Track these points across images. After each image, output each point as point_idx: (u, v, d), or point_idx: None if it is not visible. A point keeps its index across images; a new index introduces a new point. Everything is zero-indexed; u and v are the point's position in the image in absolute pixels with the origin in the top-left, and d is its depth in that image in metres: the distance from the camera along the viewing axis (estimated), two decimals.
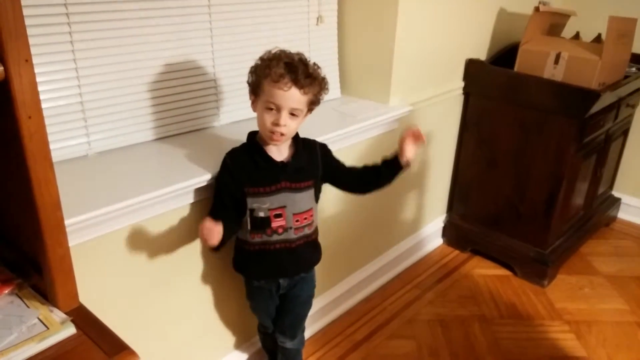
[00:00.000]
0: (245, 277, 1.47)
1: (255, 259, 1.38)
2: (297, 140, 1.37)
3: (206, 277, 1.51)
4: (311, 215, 1.40)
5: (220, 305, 1.60)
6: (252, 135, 1.35)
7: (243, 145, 1.36)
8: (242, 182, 1.30)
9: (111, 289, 1.28)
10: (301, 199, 1.35)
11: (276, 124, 1.24)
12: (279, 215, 1.33)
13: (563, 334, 2.01)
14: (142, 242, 1.31)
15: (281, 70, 1.21)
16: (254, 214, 1.32)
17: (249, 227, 1.34)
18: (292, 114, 1.26)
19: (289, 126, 1.26)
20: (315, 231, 1.46)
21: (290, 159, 1.34)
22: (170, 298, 1.44)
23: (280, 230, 1.35)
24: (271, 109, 1.24)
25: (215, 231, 1.17)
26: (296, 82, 1.22)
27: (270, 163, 1.32)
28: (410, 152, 1.40)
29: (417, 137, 1.39)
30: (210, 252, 1.40)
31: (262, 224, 1.33)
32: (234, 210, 1.32)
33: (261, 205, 1.31)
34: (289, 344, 1.56)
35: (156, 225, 1.32)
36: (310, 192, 1.38)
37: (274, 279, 1.44)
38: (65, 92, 1.31)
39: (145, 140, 1.49)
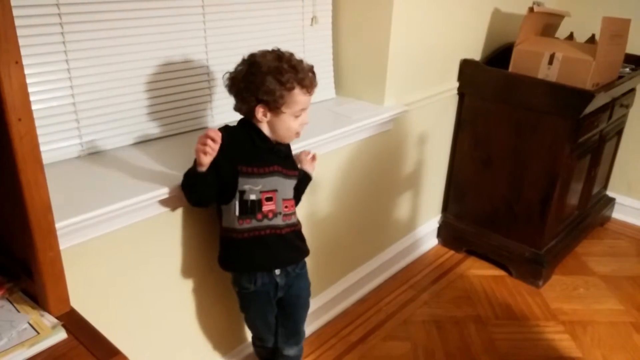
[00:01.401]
0: (237, 272, 1.39)
1: (246, 249, 1.33)
2: None
3: (193, 282, 1.49)
4: (293, 205, 1.41)
5: (208, 310, 1.57)
6: (249, 121, 1.33)
7: (237, 126, 1.34)
8: (236, 159, 1.27)
9: (103, 293, 1.27)
10: (289, 186, 1.38)
11: (304, 123, 1.33)
12: (269, 199, 1.31)
13: (558, 334, 2.01)
14: (134, 244, 1.30)
15: (309, 79, 1.27)
16: (244, 197, 1.28)
17: (237, 212, 1.29)
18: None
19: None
20: (299, 223, 1.44)
21: (282, 147, 1.37)
22: (159, 302, 1.42)
23: (270, 215, 1.32)
24: (299, 115, 1.30)
25: (217, 137, 1.17)
26: (315, 85, 1.31)
27: (267, 143, 1.32)
28: (309, 169, 1.52)
29: (313, 158, 1.53)
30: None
31: (253, 208, 1.29)
32: (214, 184, 1.26)
33: (253, 187, 1.28)
34: (293, 351, 1.54)
35: (149, 227, 1.31)
36: (294, 183, 1.40)
37: (268, 270, 1.37)
38: (57, 93, 1.30)
39: (139, 141, 1.48)
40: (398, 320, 2.06)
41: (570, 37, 2.33)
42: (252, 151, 1.30)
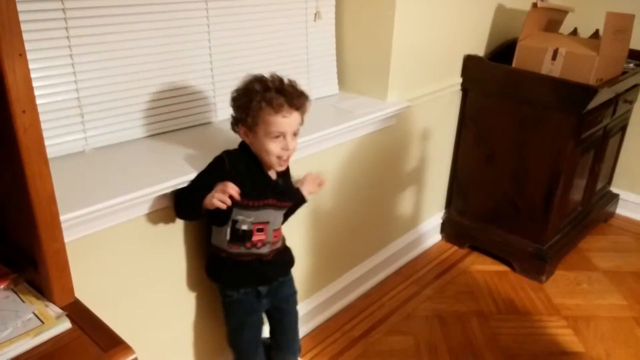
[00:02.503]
0: (222, 285, 1.41)
1: (232, 267, 1.37)
2: None
3: (196, 276, 1.50)
4: (281, 231, 1.44)
5: (206, 310, 1.57)
6: (246, 147, 1.33)
7: (240, 153, 1.33)
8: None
9: (107, 285, 1.28)
10: (279, 216, 1.40)
11: (285, 149, 1.28)
12: (260, 230, 1.34)
13: (561, 329, 2.01)
14: (138, 238, 1.31)
15: (280, 99, 1.23)
16: (236, 226, 1.31)
17: (227, 237, 1.32)
18: (294, 134, 1.30)
19: (294, 148, 1.30)
20: (283, 240, 1.48)
21: (279, 179, 1.38)
22: (160, 296, 1.44)
23: (259, 245, 1.36)
24: (277, 137, 1.26)
25: (237, 195, 1.21)
26: (293, 106, 1.26)
27: (265, 180, 1.34)
28: (310, 190, 1.49)
29: (320, 184, 1.50)
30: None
31: (243, 237, 1.33)
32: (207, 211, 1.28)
33: (246, 219, 1.31)
34: (292, 356, 1.55)
35: (152, 221, 1.32)
36: (285, 210, 1.42)
37: (252, 287, 1.40)
38: (62, 87, 1.30)
39: (143, 136, 1.49)
40: (401, 315, 2.07)
41: (574, 32, 2.32)
42: (249, 183, 1.30)
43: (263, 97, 1.23)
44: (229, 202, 1.22)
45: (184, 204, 1.29)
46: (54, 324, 0.87)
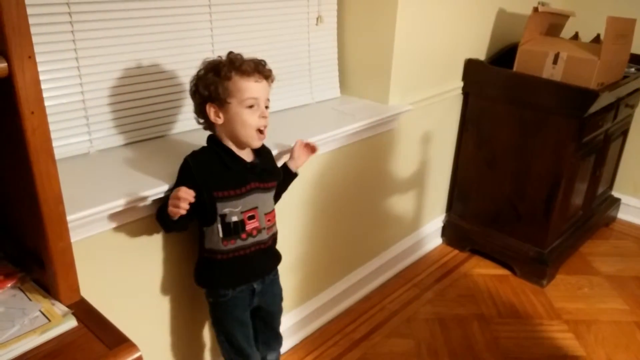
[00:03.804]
0: (217, 288, 1.35)
1: (229, 268, 1.32)
2: None
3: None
4: (274, 216, 1.38)
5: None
6: (215, 138, 1.29)
7: (205, 148, 1.29)
8: (210, 186, 1.24)
9: (111, 285, 1.29)
10: (268, 199, 1.35)
11: (263, 116, 1.24)
12: (252, 217, 1.30)
13: (562, 333, 2.02)
14: (142, 239, 1.32)
15: (250, 65, 1.21)
16: (226, 220, 1.27)
17: (220, 234, 1.27)
18: (266, 107, 1.27)
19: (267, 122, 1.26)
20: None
21: (256, 160, 1.33)
22: (162, 298, 1.45)
23: (254, 233, 1.31)
24: (252, 106, 1.23)
25: (189, 196, 1.13)
26: (262, 72, 1.23)
27: (241, 165, 1.28)
28: (303, 159, 1.46)
29: (313, 149, 1.46)
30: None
31: (236, 229, 1.28)
32: (187, 218, 1.22)
33: (233, 209, 1.26)
34: (274, 356, 1.55)
35: (157, 223, 1.33)
36: (273, 193, 1.38)
37: (249, 283, 1.37)
38: (67, 90, 1.32)
39: (148, 138, 1.50)
40: (402, 318, 2.07)
41: (575, 37, 2.34)
42: (225, 174, 1.26)
43: (232, 66, 1.20)
44: (184, 206, 1.14)
45: (162, 220, 1.25)
46: (60, 322, 0.88)
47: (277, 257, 1.45)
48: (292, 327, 1.87)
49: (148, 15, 1.42)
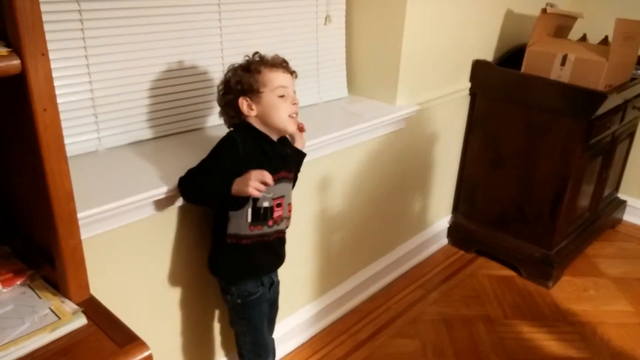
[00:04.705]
0: (244, 277, 1.36)
1: (254, 254, 1.33)
2: None
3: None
4: (291, 208, 1.42)
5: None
6: (249, 125, 1.31)
7: (246, 131, 1.30)
8: (251, 168, 1.23)
9: (121, 283, 1.29)
10: (290, 189, 1.40)
11: (294, 102, 1.30)
12: (279, 205, 1.34)
13: (567, 335, 2.01)
14: (152, 237, 1.32)
15: (276, 59, 1.31)
16: (257, 204, 1.29)
17: (249, 219, 1.29)
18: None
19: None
20: None
21: (288, 150, 1.38)
22: (171, 296, 1.45)
23: (279, 220, 1.35)
24: (283, 96, 1.28)
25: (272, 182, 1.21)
26: (287, 68, 1.32)
27: (277, 152, 1.33)
28: (301, 141, 1.48)
29: (301, 129, 1.46)
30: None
31: (265, 215, 1.31)
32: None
33: (266, 195, 1.28)
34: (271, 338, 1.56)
35: (165, 220, 1.33)
36: (292, 183, 1.43)
37: (273, 271, 1.44)
38: (76, 88, 1.32)
39: (156, 136, 1.50)
40: (407, 318, 2.07)
41: (583, 38, 2.33)
42: (263, 159, 1.29)
43: (261, 61, 1.29)
44: (264, 189, 1.21)
45: (197, 189, 1.24)
46: (70, 320, 0.88)
47: (285, 248, 1.48)
48: (298, 326, 1.87)
49: (157, 14, 1.42)
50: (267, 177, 1.20)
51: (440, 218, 2.51)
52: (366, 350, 1.90)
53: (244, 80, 1.28)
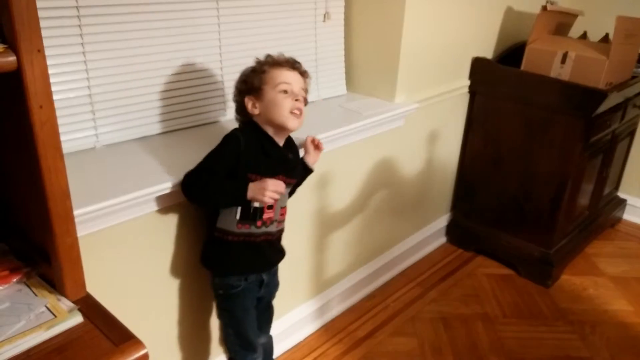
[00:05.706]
0: (227, 275, 1.36)
1: (239, 251, 1.33)
2: (289, 137, 1.39)
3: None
4: (286, 212, 1.41)
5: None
6: (255, 124, 1.32)
7: (250, 129, 1.31)
8: (247, 166, 1.26)
9: (118, 280, 1.29)
10: (286, 194, 1.39)
11: (296, 99, 1.29)
12: (270, 207, 1.32)
13: (567, 334, 2.01)
14: (148, 234, 1.32)
15: (283, 59, 1.32)
16: (249, 203, 1.28)
17: (237, 216, 1.28)
18: (303, 98, 1.32)
19: (303, 108, 1.30)
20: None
21: (290, 155, 1.37)
22: (169, 293, 1.45)
23: (268, 222, 1.33)
24: (285, 91, 1.28)
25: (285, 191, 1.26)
26: (296, 67, 1.32)
27: (278, 154, 1.32)
28: (315, 157, 1.48)
29: (317, 146, 1.47)
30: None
31: (254, 215, 1.30)
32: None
33: None
34: (266, 339, 1.57)
35: (163, 218, 1.33)
36: (290, 187, 1.42)
37: (259, 272, 1.39)
38: (74, 84, 1.32)
39: (153, 133, 1.50)
40: (405, 316, 2.07)
41: (584, 36, 2.32)
42: (262, 158, 1.29)
43: (266, 61, 1.31)
44: (278, 197, 1.25)
45: (202, 188, 1.24)
46: (66, 318, 0.88)
47: (282, 252, 1.48)
48: (296, 324, 1.87)
49: (155, 11, 1.41)
50: (281, 187, 1.25)
51: (439, 216, 2.50)
52: (364, 349, 1.89)
53: (249, 80, 1.31)
